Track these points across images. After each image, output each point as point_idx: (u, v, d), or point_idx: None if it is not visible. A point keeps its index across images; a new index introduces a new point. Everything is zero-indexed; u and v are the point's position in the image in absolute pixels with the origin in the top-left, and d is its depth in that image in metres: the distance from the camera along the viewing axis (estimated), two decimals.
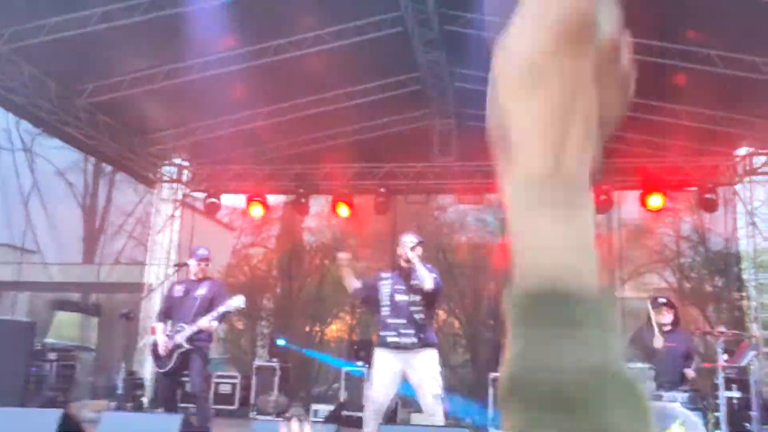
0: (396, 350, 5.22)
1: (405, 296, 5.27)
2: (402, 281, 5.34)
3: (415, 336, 5.20)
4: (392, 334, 5.20)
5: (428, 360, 5.21)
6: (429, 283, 5.14)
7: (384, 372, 5.23)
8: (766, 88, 8.29)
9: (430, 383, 5.16)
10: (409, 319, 5.22)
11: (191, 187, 12.77)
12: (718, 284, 14.18)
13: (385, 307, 5.31)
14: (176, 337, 5.78)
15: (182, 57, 9.17)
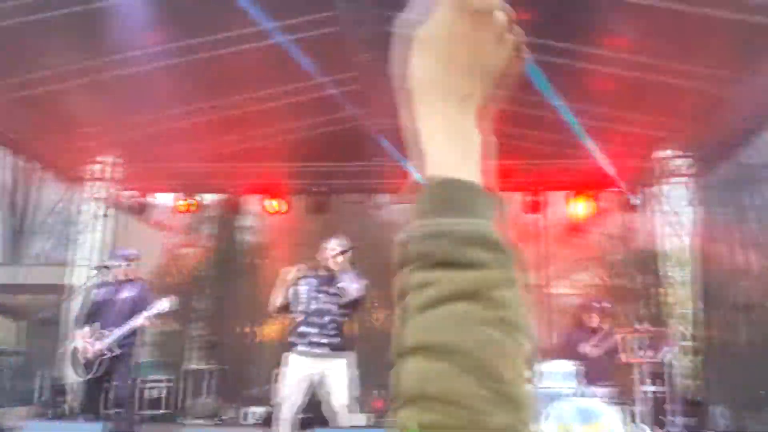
0: (308, 357, 5.13)
1: (321, 303, 5.17)
2: (322, 286, 5.24)
3: (328, 343, 5.12)
4: (304, 341, 5.11)
5: (340, 368, 5.13)
6: (352, 294, 5.07)
7: (294, 378, 5.13)
8: (687, 94, 8.66)
9: (339, 393, 5.08)
10: (324, 325, 5.13)
11: (120, 186, 12.39)
12: (642, 282, 14.75)
13: (303, 309, 5.20)
14: (101, 342, 5.59)
15: (112, 52, 8.87)
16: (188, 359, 13.59)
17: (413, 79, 0.70)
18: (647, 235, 12.25)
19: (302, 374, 5.14)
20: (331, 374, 5.12)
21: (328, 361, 5.14)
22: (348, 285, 5.09)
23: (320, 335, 5.13)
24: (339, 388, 5.10)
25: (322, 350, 5.11)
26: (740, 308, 9.60)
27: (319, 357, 5.13)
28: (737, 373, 9.27)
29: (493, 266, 0.61)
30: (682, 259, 10.90)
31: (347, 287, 5.09)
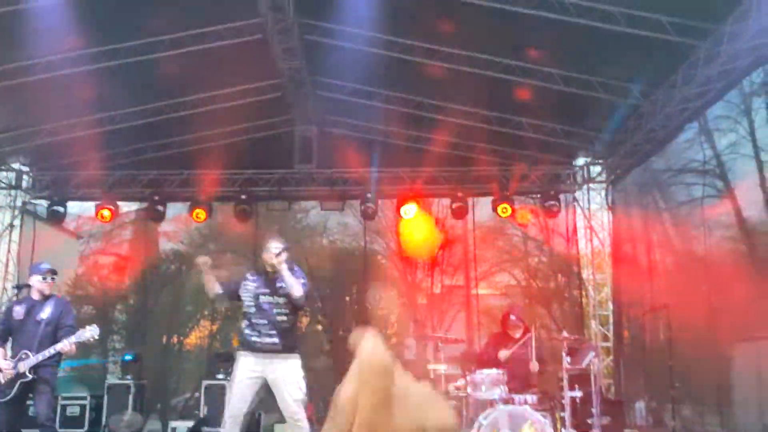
0: (259, 353, 5.13)
1: (269, 298, 5.18)
2: (267, 285, 5.25)
3: (278, 339, 5.12)
4: (255, 334, 5.10)
5: (291, 365, 5.14)
6: (297, 291, 5.07)
7: (244, 376, 5.09)
8: (601, 106, 9.07)
9: (292, 388, 5.07)
10: (273, 322, 5.13)
11: (32, 194, 11.83)
12: (561, 283, 15.31)
13: (248, 304, 5.20)
14: (19, 365, 5.32)
15: (22, 56, 8.48)
16: (110, 373, 13.13)
17: None
18: (566, 238, 12.71)
19: (252, 374, 5.10)
20: (283, 371, 5.09)
21: (279, 360, 5.11)
22: (292, 282, 5.10)
23: (269, 335, 5.10)
24: (292, 385, 5.07)
25: (272, 341, 5.09)
26: (651, 308, 10.10)
27: (269, 356, 5.10)
28: (651, 370, 9.78)
29: None
30: (599, 261, 11.38)
31: (292, 284, 5.09)
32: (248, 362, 5.13)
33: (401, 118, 10.49)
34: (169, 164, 11.49)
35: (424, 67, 9.08)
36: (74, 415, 10.11)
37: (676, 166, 11.53)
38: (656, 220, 10.84)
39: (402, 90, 10.05)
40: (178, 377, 14.42)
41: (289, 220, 16.35)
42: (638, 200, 11.48)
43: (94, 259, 16.63)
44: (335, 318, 14.69)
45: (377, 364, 1.23)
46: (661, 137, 9.36)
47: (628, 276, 10.99)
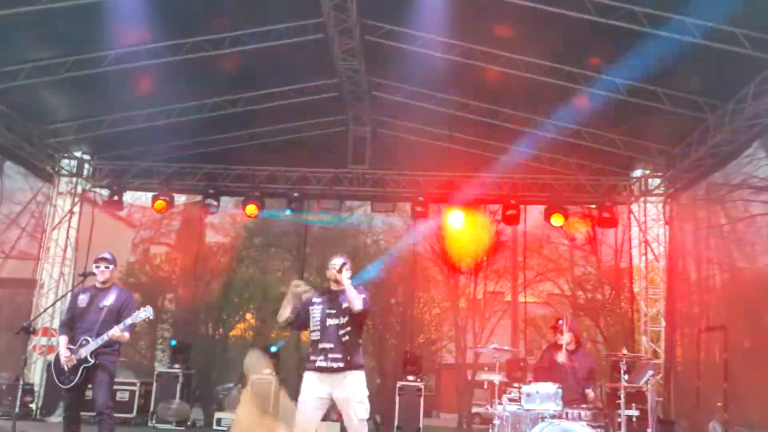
0: (324, 372, 5.19)
1: (335, 320, 5.21)
2: (332, 304, 5.28)
3: (342, 359, 5.15)
4: (321, 358, 5.13)
5: (355, 383, 5.16)
6: (358, 305, 5.10)
7: (311, 396, 5.16)
8: (665, 117, 8.85)
9: (356, 407, 5.11)
10: (338, 342, 5.15)
11: (92, 182, 12.15)
12: (609, 295, 15.02)
13: (315, 332, 5.25)
14: (81, 351, 5.46)
15: (91, 48, 8.71)
16: (158, 361, 13.40)
17: None
18: (620, 251, 12.47)
19: (318, 393, 5.14)
20: (347, 389, 5.12)
21: (343, 376, 5.14)
22: (354, 296, 5.16)
23: (334, 352, 5.16)
24: (357, 405, 5.11)
25: (337, 364, 5.10)
26: (707, 326, 9.83)
27: (335, 375, 5.15)
28: (704, 391, 9.50)
29: None
30: (652, 275, 11.13)
31: (353, 297, 5.11)
32: (315, 382, 5.17)
33: (456, 122, 10.43)
34: (224, 159, 11.66)
35: (483, 72, 9.02)
36: (123, 401, 10.35)
37: (734, 181, 11.19)
38: (715, 236, 10.52)
39: (459, 94, 10.00)
40: (221, 368, 14.60)
41: (334, 219, 16.44)
42: (696, 215, 11.17)
43: (144, 248, 17.00)
44: (379, 319, 14.68)
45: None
46: (726, 152, 9.09)
47: (682, 292, 10.72)
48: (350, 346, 5.16)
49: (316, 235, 15.55)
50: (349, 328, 5.14)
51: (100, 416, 5.45)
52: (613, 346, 8.82)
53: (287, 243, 15.69)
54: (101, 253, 5.93)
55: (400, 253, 15.72)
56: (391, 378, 11.75)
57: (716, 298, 10.26)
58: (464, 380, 15.88)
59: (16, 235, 13.02)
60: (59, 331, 5.80)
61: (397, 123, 11.09)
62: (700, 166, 9.74)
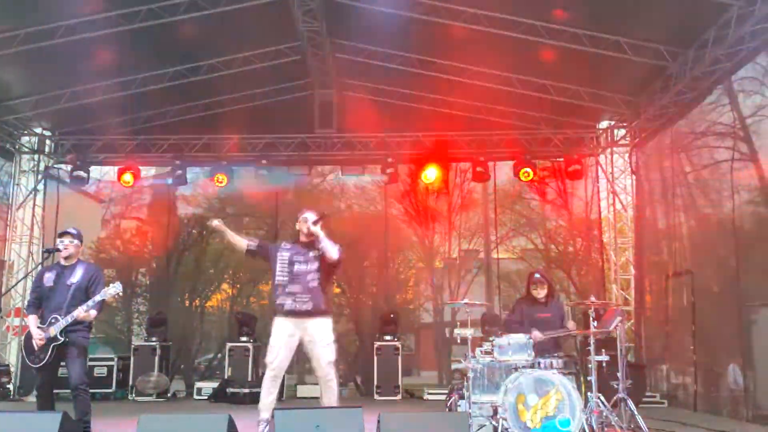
0: (293, 317, 5.41)
1: (304, 266, 5.47)
2: (300, 252, 5.52)
3: (310, 303, 5.40)
4: (289, 301, 5.43)
5: (322, 327, 5.44)
6: (334, 254, 5.47)
7: (281, 338, 5.48)
8: (627, 67, 8.88)
9: (324, 350, 5.40)
10: (306, 287, 5.43)
11: (55, 159, 11.91)
12: (580, 247, 15.23)
13: (281, 274, 5.51)
14: (50, 329, 5.41)
15: (43, 20, 8.44)
16: (135, 335, 13.37)
17: None
18: (590, 203, 12.62)
19: (289, 336, 5.42)
20: (316, 333, 5.42)
21: (312, 323, 5.43)
22: (329, 246, 5.42)
23: (303, 297, 5.42)
24: (325, 347, 5.42)
25: (305, 307, 5.40)
26: (674, 272, 10.05)
27: (303, 317, 5.40)
28: (673, 335, 9.77)
29: None
30: (621, 225, 11.30)
31: (329, 247, 5.41)
32: (285, 325, 5.45)
33: (422, 80, 10.37)
34: (189, 129, 11.49)
35: (447, 29, 8.93)
36: (102, 376, 10.35)
37: (698, 129, 11.33)
38: (681, 184, 10.68)
39: (423, 52, 9.91)
40: (200, 339, 14.63)
41: (306, 184, 16.35)
42: (662, 163, 11.31)
43: (115, 223, 16.78)
44: (354, 282, 14.75)
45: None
46: (689, 100, 9.17)
47: (651, 240, 10.92)
48: (317, 292, 5.46)
49: (289, 202, 15.48)
50: (318, 275, 5.37)
51: (76, 392, 5.45)
52: (586, 296, 8.99)
53: (260, 211, 15.58)
54: (65, 228, 5.86)
55: (372, 215, 15.76)
56: (369, 339, 11.87)
57: (683, 245, 10.46)
58: (442, 338, 16.11)
59: None
60: (27, 311, 5.75)
61: (362, 84, 10.98)
62: (664, 114, 9.83)
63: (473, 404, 5.77)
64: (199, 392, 10.64)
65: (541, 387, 5.37)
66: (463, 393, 5.97)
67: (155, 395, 10.37)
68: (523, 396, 5.36)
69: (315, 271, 5.46)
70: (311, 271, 5.45)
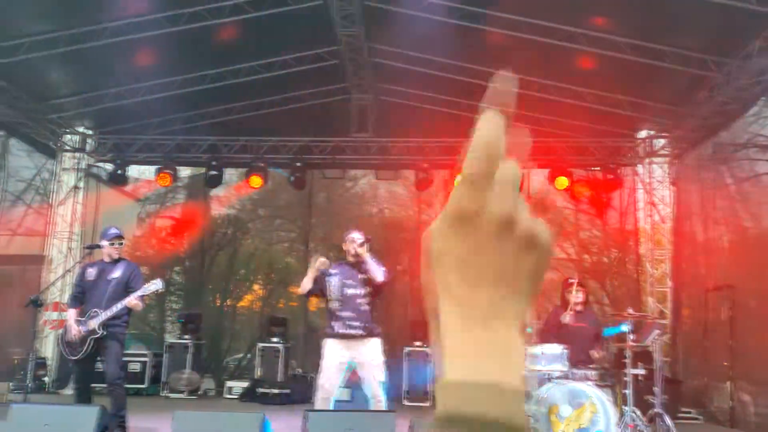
0: (344, 340, 5.50)
1: (353, 289, 5.52)
2: (350, 274, 5.57)
3: (361, 327, 5.48)
4: (341, 325, 5.48)
5: (373, 349, 5.52)
6: (380, 277, 5.47)
7: (332, 361, 5.53)
8: (669, 76, 8.75)
9: (376, 371, 5.49)
10: (357, 310, 5.50)
11: (95, 157, 12.15)
12: (615, 258, 15.01)
13: (334, 301, 5.55)
14: (90, 322, 5.54)
15: (89, 21, 8.64)
16: (168, 332, 13.54)
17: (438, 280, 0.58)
18: (625, 213, 12.44)
19: (339, 359, 5.50)
20: (367, 354, 5.49)
21: (363, 345, 5.50)
22: (375, 269, 5.48)
23: (354, 320, 5.48)
24: (376, 368, 5.49)
25: (357, 331, 5.47)
26: (713, 286, 9.84)
27: (354, 341, 5.48)
28: (711, 350, 9.56)
29: None
30: (658, 237, 11.11)
31: (375, 270, 5.47)
32: (336, 348, 5.52)
33: (459, 86, 10.34)
34: (226, 130, 11.64)
35: (485, 34, 8.91)
36: (135, 372, 10.50)
37: (740, 140, 11.09)
38: (721, 196, 10.47)
39: (461, 58, 9.89)
40: (231, 338, 14.75)
41: (338, 188, 16.42)
42: (701, 175, 11.10)
43: (151, 222, 17.03)
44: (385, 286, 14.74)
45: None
46: (732, 111, 8.99)
47: (689, 253, 10.71)
48: (368, 315, 5.54)
49: (321, 206, 15.56)
50: (368, 299, 5.47)
51: (111, 387, 5.55)
52: (620, 307, 8.84)
53: (292, 214, 15.70)
54: (113, 230, 5.97)
55: (404, 221, 15.75)
56: (399, 344, 11.84)
57: (723, 258, 10.24)
58: None
59: (22, 212, 13.07)
60: (69, 304, 5.89)
61: (399, 90, 11.00)
62: (706, 125, 9.66)
63: None
64: (229, 391, 10.74)
65: (575, 399, 5.30)
66: None
67: (187, 392, 10.49)
68: (557, 407, 5.29)
69: (364, 295, 5.52)
70: (361, 295, 5.52)
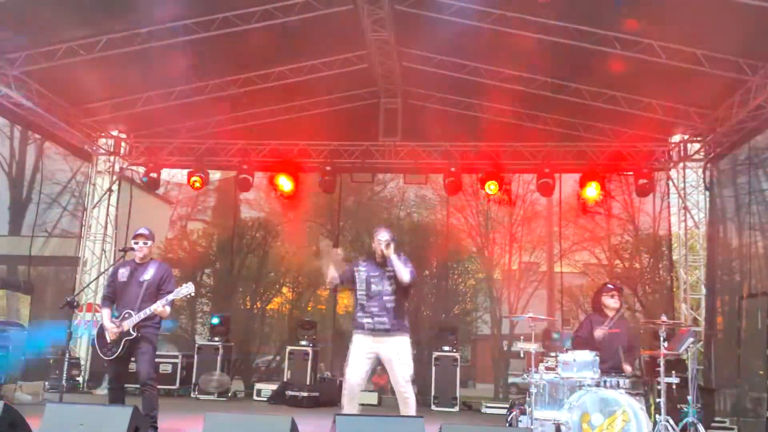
0: (372, 335, 5.47)
1: (379, 286, 5.52)
2: (376, 270, 5.58)
3: (388, 322, 5.46)
4: (367, 317, 5.50)
5: (400, 345, 5.48)
6: (406, 277, 5.47)
7: (359, 355, 5.50)
8: (704, 79, 8.59)
9: (402, 368, 5.43)
10: (383, 306, 5.48)
11: (129, 160, 12.34)
12: (647, 264, 14.81)
13: (361, 294, 5.59)
14: (124, 324, 5.61)
15: (122, 27, 8.79)
16: (197, 334, 13.69)
17: None
18: (658, 218, 12.25)
19: (366, 352, 5.51)
20: (394, 350, 5.48)
21: (389, 340, 5.49)
22: (401, 268, 5.46)
23: (380, 315, 5.49)
24: (402, 364, 5.46)
25: (383, 326, 5.47)
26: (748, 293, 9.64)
27: (380, 335, 5.48)
28: (746, 358, 9.36)
29: None
30: (692, 242, 10.92)
31: (401, 270, 5.45)
32: (363, 342, 5.52)
33: (489, 90, 10.28)
34: (256, 134, 11.72)
35: (515, 38, 8.84)
36: (167, 373, 10.63)
37: None
38: (757, 201, 10.25)
39: (490, 62, 9.83)
40: (260, 341, 14.87)
41: (367, 192, 16.46)
42: (736, 180, 10.89)
43: (182, 225, 17.28)
44: (414, 291, 14.75)
45: None
46: (766, 114, 8.80)
47: (723, 259, 10.50)
48: (395, 312, 5.51)
49: (350, 209, 15.62)
50: (394, 296, 5.44)
51: (144, 387, 5.62)
52: (652, 314, 8.73)
53: (321, 217, 15.79)
54: (138, 230, 6.05)
55: (432, 225, 15.72)
56: (427, 349, 11.81)
57: (758, 265, 10.03)
58: (500, 351, 15.90)
59: (57, 214, 13.35)
60: (102, 304, 5.97)
61: (428, 94, 10.98)
62: (741, 129, 9.47)
63: (535, 421, 5.66)
64: (258, 393, 10.82)
65: (607, 407, 5.22)
66: (524, 408, 5.86)
67: (217, 394, 10.59)
68: (588, 415, 5.23)
69: (391, 292, 5.52)
70: (387, 292, 5.52)
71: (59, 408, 4.90)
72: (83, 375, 10.93)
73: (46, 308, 12.20)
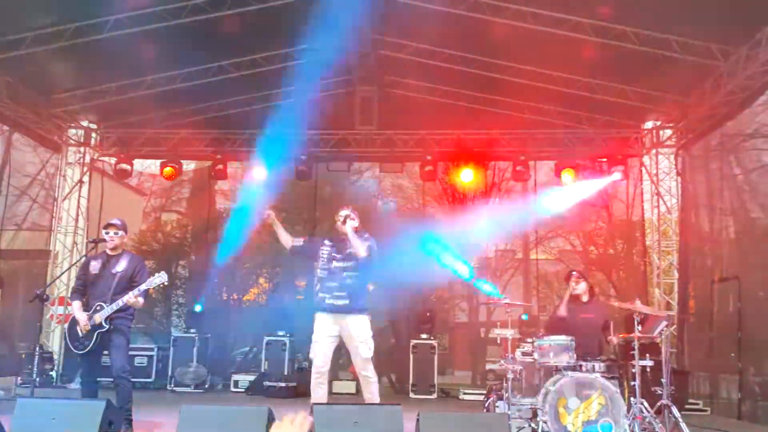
0: (331, 312, 5.53)
1: (340, 263, 5.60)
2: (339, 248, 5.66)
3: (347, 299, 5.51)
4: (327, 296, 5.56)
5: (359, 324, 5.54)
6: (362, 251, 5.50)
7: (322, 335, 5.55)
8: (677, 66, 8.66)
9: (362, 347, 5.52)
10: (341, 282, 5.54)
11: (100, 151, 12.12)
12: (621, 249, 14.98)
13: (322, 270, 5.63)
14: (95, 316, 5.52)
15: (91, 14, 8.60)
16: (174, 326, 13.56)
17: None
18: (631, 204, 12.38)
19: (328, 332, 5.54)
20: (353, 330, 5.53)
21: (349, 319, 5.53)
22: (357, 244, 5.50)
23: (340, 296, 5.53)
24: (362, 344, 5.52)
25: (342, 302, 5.52)
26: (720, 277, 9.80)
27: (341, 312, 5.51)
28: (718, 341, 9.53)
29: None
30: (665, 228, 11.05)
31: (357, 245, 5.49)
32: (325, 322, 5.55)
33: (465, 78, 10.27)
34: (230, 124, 11.58)
35: (491, 26, 8.82)
36: (142, 366, 10.52)
37: (747, 130, 11.01)
38: (728, 187, 10.40)
39: (467, 50, 9.81)
40: (236, 332, 14.76)
41: (343, 181, 16.39)
42: (708, 165, 11.03)
43: (156, 216, 17.08)
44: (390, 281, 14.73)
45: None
46: (739, 101, 8.91)
47: (696, 244, 10.65)
48: (354, 289, 5.55)
49: (326, 198, 15.54)
50: (354, 273, 5.46)
51: (118, 380, 5.54)
52: (626, 299, 8.80)
53: (298, 208, 15.68)
54: (110, 219, 5.96)
55: (409, 213, 15.72)
56: (405, 337, 11.85)
57: (730, 249, 10.20)
58: (477, 337, 16.01)
59: (27, 207, 13.09)
60: (72, 297, 5.87)
61: (404, 81, 10.93)
62: (713, 115, 9.57)
63: (512, 406, 5.70)
64: (236, 384, 10.76)
65: (583, 390, 5.28)
66: (501, 394, 5.90)
67: (193, 386, 10.51)
68: (565, 399, 5.27)
69: (351, 268, 5.54)
70: (347, 268, 5.55)
71: (30, 403, 4.83)
72: (57, 369, 10.77)
73: (17, 302, 11.98)
